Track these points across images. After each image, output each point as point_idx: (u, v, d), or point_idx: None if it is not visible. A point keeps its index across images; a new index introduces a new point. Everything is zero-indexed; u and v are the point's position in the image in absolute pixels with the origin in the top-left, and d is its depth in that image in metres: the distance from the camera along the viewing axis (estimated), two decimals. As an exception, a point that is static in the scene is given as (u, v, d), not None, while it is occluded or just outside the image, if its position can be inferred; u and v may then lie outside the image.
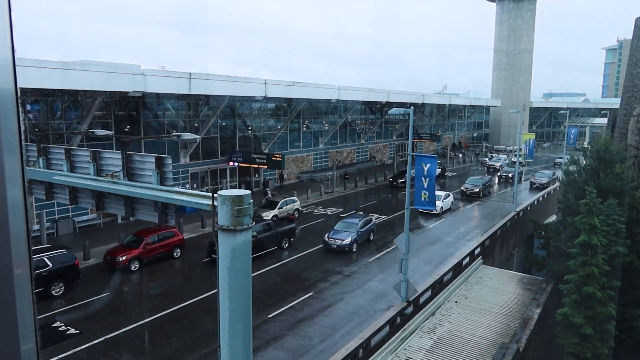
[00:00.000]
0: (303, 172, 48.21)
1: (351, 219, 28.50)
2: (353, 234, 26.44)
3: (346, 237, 26.13)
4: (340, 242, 26.01)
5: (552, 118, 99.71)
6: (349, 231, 26.68)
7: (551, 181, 47.66)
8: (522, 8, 79.20)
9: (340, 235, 26.35)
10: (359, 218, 28.36)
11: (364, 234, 27.62)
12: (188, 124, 36.57)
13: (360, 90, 46.44)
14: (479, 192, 42.42)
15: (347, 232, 26.59)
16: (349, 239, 26.02)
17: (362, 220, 27.93)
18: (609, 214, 22.19)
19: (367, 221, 28.40)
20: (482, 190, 42.75)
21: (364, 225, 27.71)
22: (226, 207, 7.44)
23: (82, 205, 13.60)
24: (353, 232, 26.59)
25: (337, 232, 26.78)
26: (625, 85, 31.39)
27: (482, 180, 44.34)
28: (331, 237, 26.35)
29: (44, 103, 28.16)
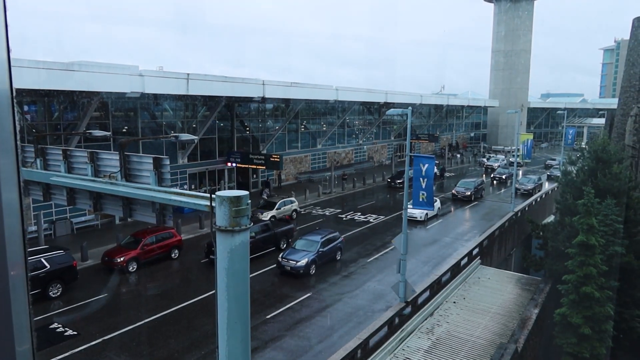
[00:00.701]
0: (301, 172, 48.21)
1: (312, 235, 24.62)
2: (311, 255, 22.78)
3: (302, 258, 22.41)
4: (295, 263, 22.30)
5: (549, 118, 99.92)
6: (308, 250, 23.07)
7: (537, 187, 44.60)
8: (519, 8, 79.37)
9: (296, 256, 22.66)
10: (321, 235, 24.40)
11: (326, 254, 23.91)
12: (186, 125, 36.54)
13: (358, 90, 46.48)
14: (471, 195, 40.79)
15: (304, 252, 22.91)
16: (304, 260, 22.31)
17: (326, 238, 24.22)
18: (607, 214, 22.25)
19: (331, 238, 24.63)
20: (473, 193, 41.10)
21: (327, 243, 24.05)
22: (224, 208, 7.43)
23: (80, 206, 13.58)
24: (312, 252, 22.92)
25: (294, 251, 23.20)
26: (622, 86, 31.47)
27: (474, 183, 42.60)
28: (285, 257, 22.80)
29: (41, 104, 28.11)
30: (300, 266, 22.22)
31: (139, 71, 27.30)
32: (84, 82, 24.24)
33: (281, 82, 37.00)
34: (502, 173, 52.80)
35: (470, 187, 41.38)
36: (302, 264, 22.27)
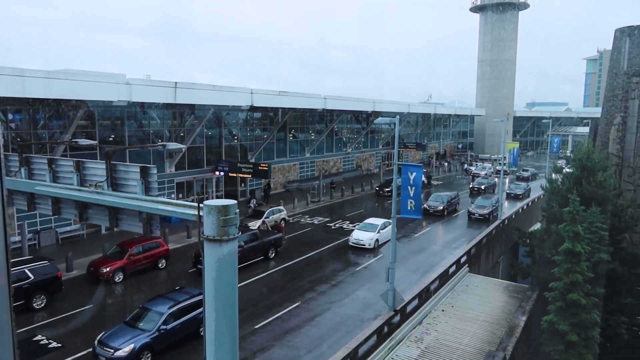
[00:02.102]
0: (290, 181, 48.16)
1: (158, 303, 16.94)
2: (143, 338, 15.50)
3: (124, 345, 15.13)
4: (111, 353, 15.02)
5: (535, 127, 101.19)
6: (142, 330, 15.85)
7: (494, 210, 37.07)
8: (505, 19, 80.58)
9: (117, 341, 15.34)
10: (167, 304, 16.69)
11: (179, 331, 16.48)
12: (173, 134, 36.36)
13: (346, 99, 46.68)
14: (444, 210, 38.04)
15: (134, 335, 15.59)
16: (128, 348, 15.02)
17: (180, 306, 16.78)
18: (592, 221, 22.49)
19: (190, 306, 16.95)
20: (446, 207, 38.34)
21: (182, 314, 16.69)
22: (212, 217, 7.38)
23: (65, 216, 13.40)
24: (145, 334, 15.65)
25: (122, 330, 15.93)
26: (606, 95, 32.01)
27: (448, 196, 39.58)
28: (102, 341, 15.51)
29: (26, 112, 27.79)
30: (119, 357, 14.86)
31: (126, 79, 27.14)
32: (70, 91, 24.04)
33: (269, 91, 37.04)
34: (481, 183, 50.35)
35: (442, 201, 38.57)
36: (120, 356, 14.88)
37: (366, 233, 29.01)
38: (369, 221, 30.52)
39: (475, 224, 35.80)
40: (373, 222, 30.14)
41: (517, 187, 49.22)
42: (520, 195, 46.77)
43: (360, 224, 30.56)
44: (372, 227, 29.54)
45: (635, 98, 29.61)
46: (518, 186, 49.47)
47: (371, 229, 29.33)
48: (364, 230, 29.38)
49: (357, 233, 29.25)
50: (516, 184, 50.35)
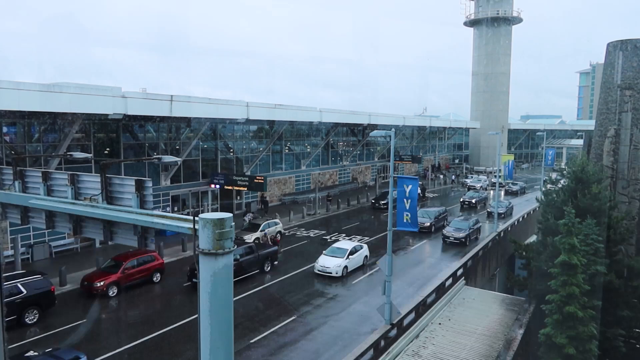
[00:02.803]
0: (285, 194, 48.09)
1: None
2: None
3: None
4: None
5: (530, 140, 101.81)
6: None
7: (473, 233, 33.95)
8: (498, 33, 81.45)
9: None
10: None
11: None
12: (169, 146, 36.31)
13: (341, 112, 46.87)
14: (430, 226, 35.57)
15: None
16: None
17: None
18: (588, 233, 22.53)
19: None
20: (434, 224, 35.94)
21: None
22: (207, 231, 7.33)
23: (59, 230, 13.27)
24: None
25: None
26: (599, 108, 32.30)
27: (435, 212, 37.51)
28: None
29: (21, 125, 27.71)
30: None
31: (122, 93, 27.16)
32: (66, 104, 23.99)
33: (265, 104, 37.14)
34: (472, 197, 49.22)
35: (429, 217, 36.30)
36: None
37: (333, 259, 26.02)
38: (338, 245, 27.68)
39: (451, 250, 31.75)
40: (342, 247, 27.17)
41: (499, 204, 42.56)
42: (502, 214, 41.99)
43: (328, 249, 27.38)
44: (340, 252, 26.47)
45: (628, 111, 29.88)
46: (500, 204, 43.05)
47: (339, 254, 26.31)
48: (331, 256, 26.35)
49: (324, 259, 26.27)
50: (498, 202, 43.66)
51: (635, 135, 29.77)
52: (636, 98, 29.76)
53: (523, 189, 59.98)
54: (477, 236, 34.27)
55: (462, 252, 30.83)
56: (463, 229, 33.33)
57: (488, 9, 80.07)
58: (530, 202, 50.54)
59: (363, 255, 27.81)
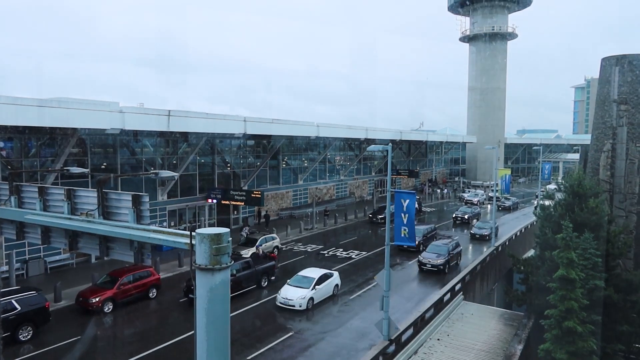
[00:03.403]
0: (282, 208, 48.00)
1: None
2: None
3: None
4: None
5: (526, 154, 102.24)
6: None
7: (453, 257, 31.11)
8: (494, 49, 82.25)
9: None
10: None
11: None
12: (166, 161, 36.30)
13: (339, 127, 47.04)
14: (418, 245, 33.01)
15: None
16: None
17: None
18: (586, 248, 22.48)
19: None
20: (422, 242, 33.71)
21: None
22: (204, 246, 7.29)
23: (55, 245, 13.19)
24: None
25: None
26: (594, 123, 32.52)
27: (423, 230, 35.34)
28: None
29: (18, 140, 27.68)
30: None
31: (119, 108, 27.22)
32: (63, 119, 24.00)
33: (263, 119, 37.26)
34: (464, 213, 47.54)
35: (417, 235, 31.31)
36: None
37: (298, 290, 22.99)
38: (304, 273, 24.59)
39: (427, 279, 28.37)
40: (308, 275, 24.19)
41: (483, 225, 40.29)
42: (487, 236, 38.07)
43: (293, 277, 24.45)
44: (306, 282, 23.57)
45: (623, 125, 30.09)
46: (484, 225, 40.26)
47: (305, 284, 23.41)
48: (295, 286, 23.41)
49: (287, 290, 23.28)
50: (482, 222, 41.51)
51: (631, 150, 29.93)
52: (631, 113, 29.99)
53: (516, 205, 58.91)
54: (457, 261, 31.18)
55: (441, 282, 27.70)
56: (442, 255, 29.88)
57: (483, 25, 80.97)
58: (523, 218, 49.72)
59: (333, 284, 24.79)
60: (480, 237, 38.74)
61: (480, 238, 38.70)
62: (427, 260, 29.53)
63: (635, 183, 29.78)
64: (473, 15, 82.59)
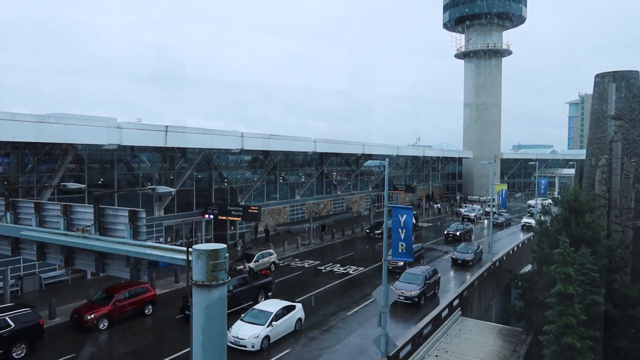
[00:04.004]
0: (280, 224, 47.88)
1: None
2: None
3: None
4: None
5: (522, 169, 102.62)
6: None
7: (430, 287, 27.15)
8: (489, 65, 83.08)
9: None
10: None
11: None
12: (163, 177, 36.28)
13: (336, 142, 47.19)
14: (404, 265, 31.27)
15: None
16: None
17: None
18: (583, 262, 22.49)
19: None
20: (408, 264, 31.05)
21: None
22: (201, 262, 7.27)
23: (50, 262, 13.11)
24: None
25: None
26: (589, 138, 32.74)
27: None
28: None
29: (15, 156, 27.66)
30: None
31: (117, 123, 27.29)
32: (60, 135, 24.03)
33: (260, 134, 37.38)
34: (456, 229, 46.09)
35: None
36: None
37: (251, 327, 19.95)
38: (260, 306, 21.63)
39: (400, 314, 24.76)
40: (265, 309, 21.05)
41: (465, 249, 36.08)
42: (470, 262, 34.59)
43: (248, 312, 21.44)
44: (262, 317, 20.48)
45: (618, 140, 30.30)
46: (467, 248, 36.24)
47: (260, 320, 20.28)
48: (249, 322, 20.31)
49: (239, 327, 20.14)
50: (465, 246, 37.09)
51: (626, 165, 30.11)
52: (625, 128, 30.24)
53: (509, 221, 57.42)
54: (435, 291, 27.76)
55: (416, 316, 24.32)
56: (416, 284, 26.06)
57: (478, 42, 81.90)
58: (515, 235, 48.78)
59: (295, 318, 21.88)
60: (462, 263, 34.68)
61: (462, 264, 34.63)
62: (400, 292, 25.59)
63: (631, 198, 29.90)
64: (468, 33, 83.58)
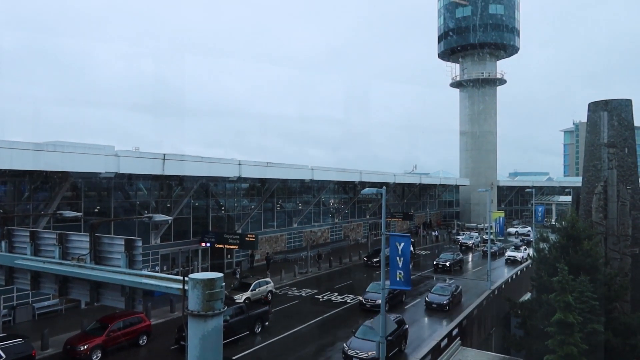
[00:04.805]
0: (277, 252, 47.57)
1: None
2: None
3: None
4: None
5: (519, 196, 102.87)
6: None
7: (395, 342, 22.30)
8: (484, 94, 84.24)
9: None
10: None
11: None
12: (160, 204, 36.18)
13: (333, 170, 47.36)
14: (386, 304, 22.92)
15: None
16: None
17: None
18: (582, 291, 22.34)
19: None
20: (387, 301, 27.71)
21: None
22: (197, 292, 7.21)
23: (45, 291, 12.96)
24: None
25: None
26: (585, 165, 32.97)
27: None
28: None
29: (11, 184, 27.62)
30: None
31: (114, 151, 27.38)
32: (58, 163, 24.09)
33: (257, 162, 37.50)
34: (446, 260, 44.09)
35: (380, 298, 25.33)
36: None
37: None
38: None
39: None
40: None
41: (441, 291, 31.10)
42: (446, 306, 29.57)
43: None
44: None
45: (613, 168, 30.52)
46: (443, 290, 31.17)
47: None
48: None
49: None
50: (441, 287, 31.67)
51: (622, 192, 30.25)
52: (620, 155, 30.50)
53: (502, 250, 54.86)
54: (401, 347, 23.00)
55: None
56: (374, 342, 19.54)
57: (473, 71, 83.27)
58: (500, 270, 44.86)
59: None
60: (437, 307, 29.63)
61: (437, 308, 29.67)
62: (355, 352, 20.54)
63: (628, 225, 29.93)
64: (463, 62, 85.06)
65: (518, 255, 50.17)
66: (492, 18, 79.19)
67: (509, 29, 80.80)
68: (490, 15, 79.14)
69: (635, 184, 30.64)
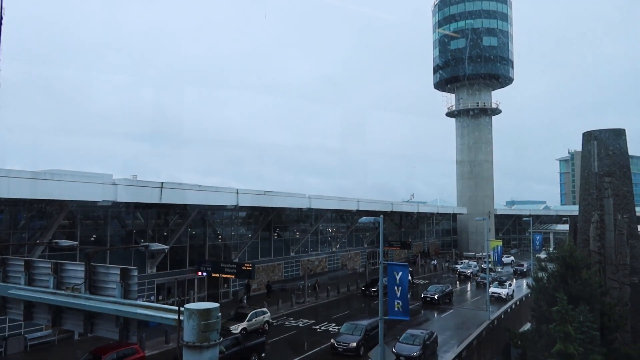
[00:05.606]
0: (274, 281, 47.11)
1: None
2: None
3: None
4: None
5: (516, 225, 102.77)
6: None
7: None
8: (479, 124, 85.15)
9: None
10: None
11: None
12: (157, 233, 36.00)
13: (330, 199, 47.36)
14: (358, 347, 25.64)
15: None
16: None
17: None
18: (582, 321, 22.12)
19: None
20: (363, 343, 25.97)
21: None
22: (192, 322, 7.14)
23: (38, 322, 12.76)
24: None
25: None
26: (581, 194, 33.10)
27: (366, 324, 27.54)
28: None
29: (7, 212, 27.51)
30: None
31: (112, 180, 27.40)
32: (55, 191, 24.07)
33: (255, 191, 37.54)
34: (434, 292, 41.47)
35: (359, 334, 26.74)
36: None
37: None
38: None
39: None
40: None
41: (410, 340, 26.15)
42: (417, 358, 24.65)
43: None
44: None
45: (609, 197, 30.64)
46: (413, 339, 26.20)
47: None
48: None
49: None
50: (410, 336, 26.60)
51: (619, 221, 30.28)
52: (615, 184, 30.67)
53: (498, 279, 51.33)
54: None
55: None
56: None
57: (468, 101, 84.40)
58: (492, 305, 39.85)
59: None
60: None
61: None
62: None
63: (626, 254, 29.86)
64: (458, 93, 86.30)
65: (502, 292, 44.19)
66: (486, 50, 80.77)
67: (503, 60, 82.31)
68: (484, 47, 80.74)
69: (632, 213, 30.71)
